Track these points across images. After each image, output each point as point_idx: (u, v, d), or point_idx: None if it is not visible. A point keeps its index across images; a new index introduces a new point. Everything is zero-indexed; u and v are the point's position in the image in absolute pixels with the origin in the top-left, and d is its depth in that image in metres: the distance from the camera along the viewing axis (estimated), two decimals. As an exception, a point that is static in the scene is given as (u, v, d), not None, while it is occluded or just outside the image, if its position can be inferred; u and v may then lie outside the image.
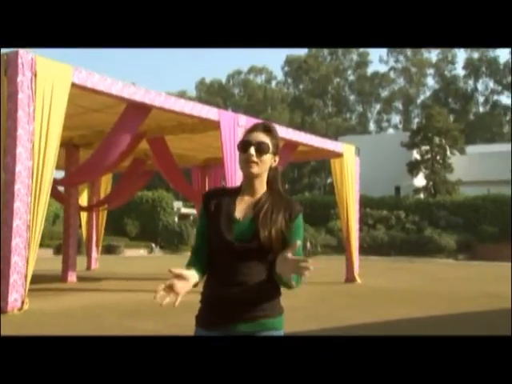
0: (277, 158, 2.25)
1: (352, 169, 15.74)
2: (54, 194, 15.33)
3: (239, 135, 12.26)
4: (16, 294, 8.13)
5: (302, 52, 65.34)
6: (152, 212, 34.54)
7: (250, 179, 2.19)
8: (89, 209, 16.84)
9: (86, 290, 12.50)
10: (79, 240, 22.97)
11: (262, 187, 2.21)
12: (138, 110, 10.43)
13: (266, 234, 2.09)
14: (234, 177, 12.20)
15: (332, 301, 11.07)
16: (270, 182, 2.23)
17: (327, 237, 32.88)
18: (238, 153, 2.22)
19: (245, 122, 12.41)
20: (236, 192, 2.22)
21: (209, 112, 11.68)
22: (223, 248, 2.12)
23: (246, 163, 2.16)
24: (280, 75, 76.31)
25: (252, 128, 2.23)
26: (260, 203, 2.17)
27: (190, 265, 2.13)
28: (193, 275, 2.06)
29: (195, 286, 2.09)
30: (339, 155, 15.55)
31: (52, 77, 8.55)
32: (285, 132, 13.70)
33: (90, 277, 15.56)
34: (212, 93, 63.55)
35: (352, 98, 67.78)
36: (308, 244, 26.50)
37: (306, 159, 17.40)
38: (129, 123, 10.45)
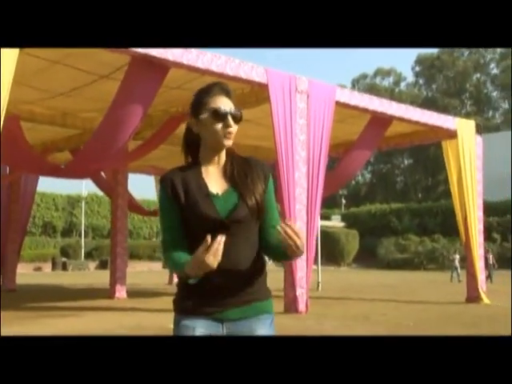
0: None
1: (471, 152, 11.87)
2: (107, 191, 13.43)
3: (299, 105, 9.21)
4: None
5: (434, 49, 59.95)
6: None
7: (218, 151, 1.94)
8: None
9: (119, 309, 10.20)
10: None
11: (224, 156, 1.97)
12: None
13: (253, 201, 1.88)
14: (291, 166, 9.16)
15: (429, 330, 7.52)
16: (229, 148, 1.98)
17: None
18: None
19: (306, 86, 9.32)
20: (196, 166, 1.95)
21: (252, 71, 8.75)
22: (208, 228, 1.79)
23: (223, 135, 1.89)
24: (410, 76, 71.11)
25: (214, 91, 1.92)
26: (229, 171, 1.93)
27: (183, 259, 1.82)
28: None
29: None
30: (452, 135, 11.80)
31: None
32: (368, 102, 10.34)
33: (147, 292, 13.35)
34: (336, 99, 60.55)
35: (495, 94, 60.62)
36: (490, 256, 19.52)
37: (409, 143, 13.57)
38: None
